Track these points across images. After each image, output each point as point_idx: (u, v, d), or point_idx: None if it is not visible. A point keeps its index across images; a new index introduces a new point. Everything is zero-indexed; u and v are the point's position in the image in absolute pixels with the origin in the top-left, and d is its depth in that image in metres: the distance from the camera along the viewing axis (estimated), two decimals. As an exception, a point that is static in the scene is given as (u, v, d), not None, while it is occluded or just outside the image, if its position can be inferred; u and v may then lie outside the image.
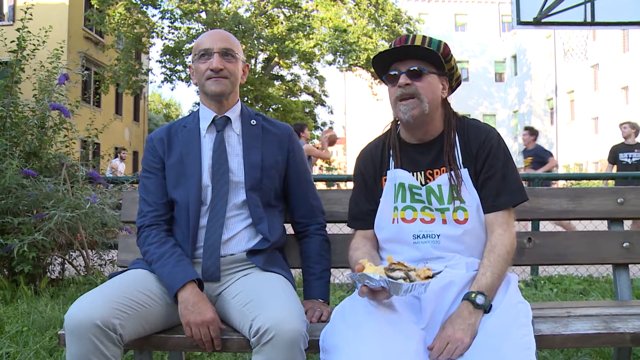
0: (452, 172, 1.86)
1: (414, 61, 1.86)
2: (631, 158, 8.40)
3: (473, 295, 1.69)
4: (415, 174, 1.92)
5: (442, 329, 1.65)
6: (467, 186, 1.87)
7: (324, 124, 32.16)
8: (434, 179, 1.89)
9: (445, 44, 1.94)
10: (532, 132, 9.24)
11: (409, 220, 1.90)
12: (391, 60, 1.90)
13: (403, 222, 1.90)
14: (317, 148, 8.24)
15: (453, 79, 2.01)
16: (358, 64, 23.05)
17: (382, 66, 1.93)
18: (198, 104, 2.09)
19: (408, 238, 1.89)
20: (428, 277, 1.58)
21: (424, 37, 1.92)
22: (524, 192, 1.92)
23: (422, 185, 1.89)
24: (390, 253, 1.93)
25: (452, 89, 2.03)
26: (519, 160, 13.09)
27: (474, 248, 1.87)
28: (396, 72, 1.88)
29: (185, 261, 1.90)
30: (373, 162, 2.03)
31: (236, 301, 1.83)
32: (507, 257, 1.81)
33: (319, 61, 25.51)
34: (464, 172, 1.88)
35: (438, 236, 1.87)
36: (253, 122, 2.13)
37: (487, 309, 1.69)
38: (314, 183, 2.27)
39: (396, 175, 1.94)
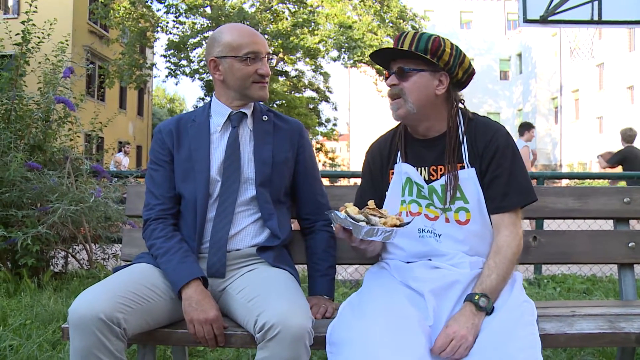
0: (451, 174, 1.83)
1: (403, 60, 1.87)
2: None
3: (477, 297, 1.68)
4: (419, 169, 1.91)
5: (446, 327, 1.64)
6: (472, 186, 1.84)
7: (327, 120, 32.16)
8: (436, 176, 1.88)
9: (435, 39, 1.85)
10: None
11: (415, 213, 1.89)
12: (389, 57, 1.91)
13: (410, 215, 1.89)
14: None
15: (455, 73, 1.89)
16: (363, 61, 22.98)
17: (383, 63, 1.95)
18: (202, 99, 2.08)
19: (414, 231, 1.88)
20: (395, 226, 1.63)
21: (415, 34, 1.87)
22: (533, 192, 1.88)
23: (426, 183, 1.88)
24: (395, 247, 1.95)
25: (461, 83, 1.94)
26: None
27: (478, 249, 1.85)
28: (389, 71, 1.91)
29: (191, 258, 1.89)
30: (380, 155, 2.03)
31: (241, 296, 1.82)
32: (513, 258, 1.80)
33: (323, 57, 25.45)
34: (471, 172, 1.85)
35: (439, 236, 1.86)
36: (265, 117, 2.12)
37: (489, 311, 1.69)
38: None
39: (402, 170, 1.93)
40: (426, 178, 1.89)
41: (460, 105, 1.95)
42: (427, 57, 1.83)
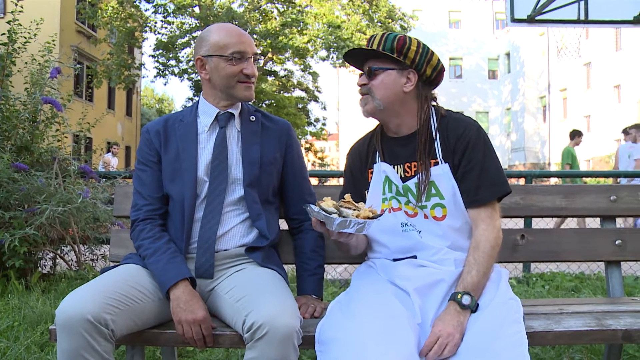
0: (423, 171, 1.86)
1: (372, 61, 1.93)
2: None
3: (459, 296, 1.70)
4: (395, 167, 1.94)
5: (432, 326, 1.66)
6: (447, 181, 1.86)
7: (316, 120, 32.15)
8: (411, 173, 1.90)
9: (400, 37, 1.89)
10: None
11: (396, 209, 1.92)
12: (362, 59, 1.96)
13: (393, 211, 1.91)
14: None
15: (423, 71, 1.91)
16: (352, 60, 23.01)
17: (358, 65, 2.00)
18: (191, 99, 2.08)
19: (397, 227, 1.90)
20: (368, 218, 1.65)
21: (383, 34, 1.92)
22: (506, 184, 1.89)
23: (402, 181, 1.91)
24: (380, 244, 1.97)
25: (431, 81, 1.95)
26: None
27: (459, 243, 1.87)
28: (362, 72, 1.97)
29: (179, 258, 1.88)
30: (360, 156, 2.07)
31: (229, 296, 1.82)
32: (492, 252, 1.81)
33: (312, 57, 25.49)
34: (445, 167, 1.87)
35: (420, 232, 1.88)
36: (252, 118, 2.11)
37: (473, 308, 1.70)
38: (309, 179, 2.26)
39: (381, 169, 1.96)
40: (402, 175, 1.92)
41: (433, 102, 1.98)
42: (393, 55, 1.87)
